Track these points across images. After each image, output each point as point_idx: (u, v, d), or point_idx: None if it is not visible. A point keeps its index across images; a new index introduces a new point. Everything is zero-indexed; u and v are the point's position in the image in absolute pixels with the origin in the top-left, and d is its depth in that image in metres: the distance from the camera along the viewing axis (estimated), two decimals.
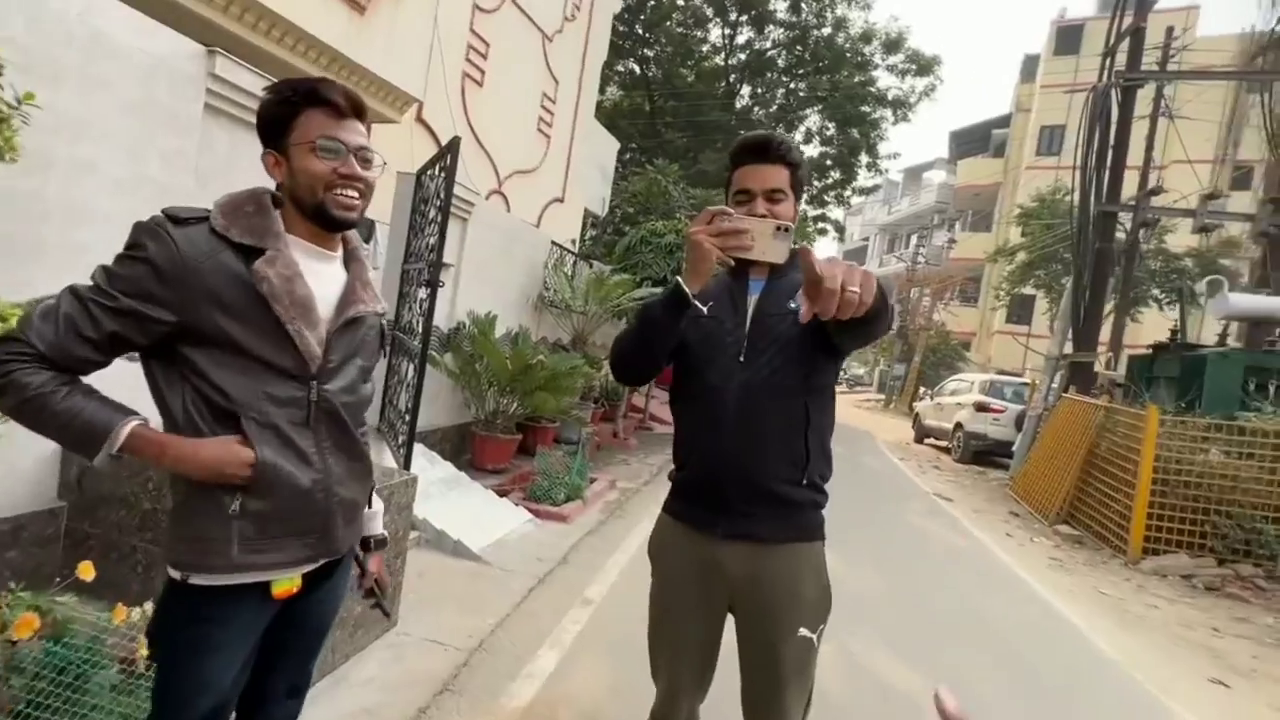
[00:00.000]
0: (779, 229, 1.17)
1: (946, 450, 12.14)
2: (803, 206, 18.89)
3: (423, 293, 3.81)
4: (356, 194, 1.08)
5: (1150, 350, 7.68)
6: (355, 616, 2.48)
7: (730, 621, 1.44)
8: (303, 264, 1.06)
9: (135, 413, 0.99)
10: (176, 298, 0.96)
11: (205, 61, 2.79)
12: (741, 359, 1.36)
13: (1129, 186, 9.97)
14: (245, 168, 2.98)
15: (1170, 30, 11.49)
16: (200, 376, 0.99)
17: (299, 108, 1.05)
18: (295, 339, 1.03)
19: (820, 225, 19.89)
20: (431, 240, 3.80)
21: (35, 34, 2.23)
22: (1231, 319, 7.09)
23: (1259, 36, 8.48)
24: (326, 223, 1.07)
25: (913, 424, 14.45)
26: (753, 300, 1.40)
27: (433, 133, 7.10)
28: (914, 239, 26.93)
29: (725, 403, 1.35)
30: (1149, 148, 11.67)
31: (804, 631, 1.36)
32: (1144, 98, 11.76)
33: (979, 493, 8.54)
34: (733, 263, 1.24)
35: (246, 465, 1.00)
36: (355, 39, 4.32)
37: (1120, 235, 10.69)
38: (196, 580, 1.02)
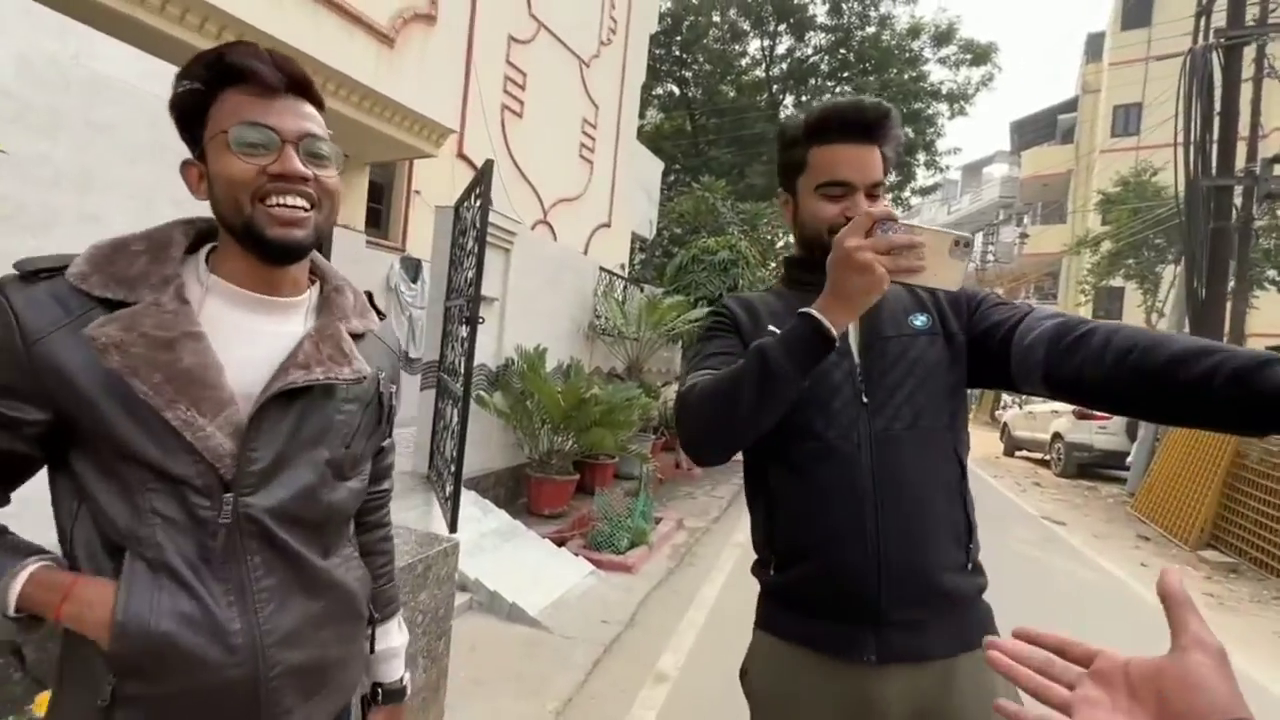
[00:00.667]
0: (957, 243, 0.82)
1: (1044, 463, 11.00)
2: None
3: (464, 330, 3.52)
4: (304, 203, 0.72)
5: None
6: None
7: None
8: (226, 319, 0.73)
9: (41, 550, 0.70)
10: (33, 386, 0.66)
11: None
12: (864, 400, 0.97)
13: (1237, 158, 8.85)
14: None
15: None
16: (88, 496, 0.69)
17: (212, 90, 0.72)
18: (182, 430, 0.67)
19: None
20: (470, 274, 3.52)
21: (26, 80, 2.06)
22: None
23: None
24: (262, 249, 0.72)
25: (1000, 435, 13.29)
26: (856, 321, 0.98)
27: (474, 166, 7.00)
28: (980, 237, 25.39)
29: (855, 463, 0.95)
30: (1255, 113, 10.42)
31: None
32: (1245, 60, 10.56)
33: (1095, 513, 7.54)
34: (884, 288, 0.82)
35: (102, 627, 0.65)
36: (385, 73, 4.19)
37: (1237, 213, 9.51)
38: None
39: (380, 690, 0.95)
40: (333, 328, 0.79)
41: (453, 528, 3.29)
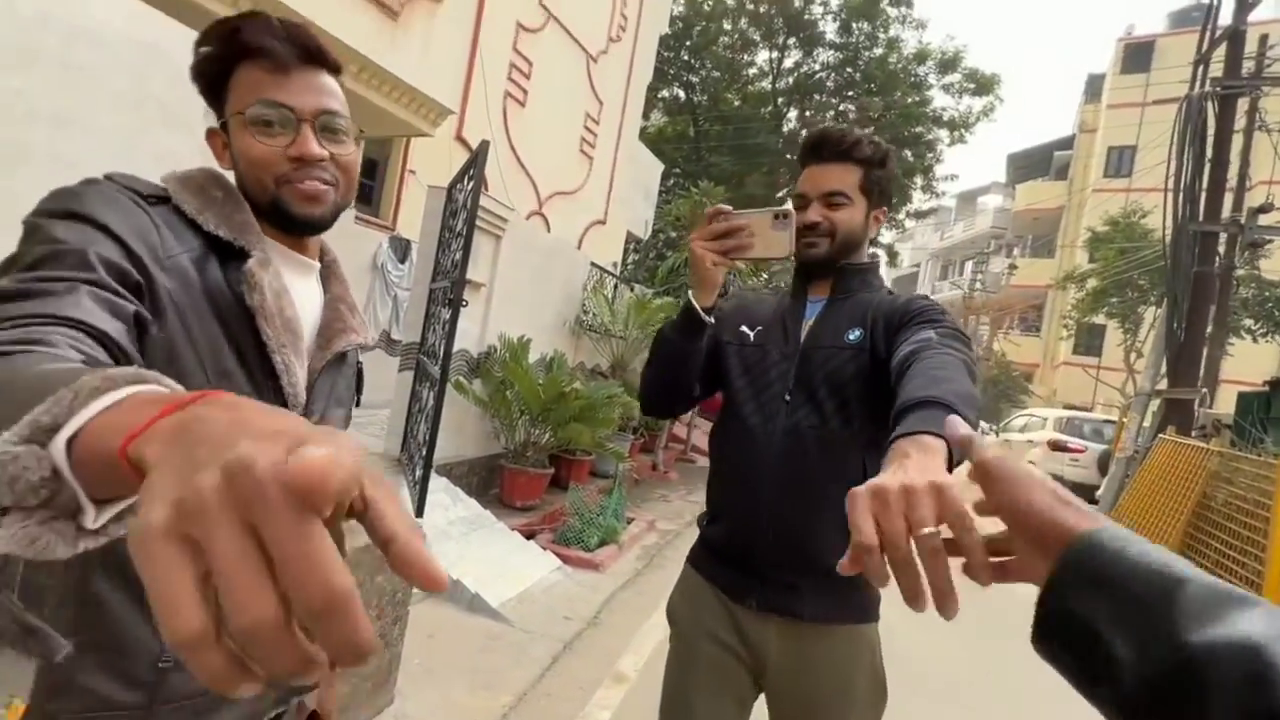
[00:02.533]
0: (776, 216, 1.00)
1: None
2: None
3: (446, 313, 3.46)
4: (325, 179, 0.75)
5: (1266, 386, 6.74)
6: (341, 697, 2.05)
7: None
8: (284, 275, 0.77)
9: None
10: (148, 288, 0.67)
11: None
12: (787, 398, 1.15)
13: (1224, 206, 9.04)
14: None
15: (1265, 39, 10.56)
16: None
17: (230, 61, 0.73)
18: (281, 374, 0.73)
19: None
20: (458, 256, 3.46)
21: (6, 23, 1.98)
22: None
23: None
24: (287, 224, 0.77)
25: None
26: (807, 326, 1.19)
27: (471, 150, 6.92)
28: (969, 265, 25.73)
29: (766, 450, 1.14)
30: (1244, 163, 10.67)
31: None
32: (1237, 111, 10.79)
33: None
34: (740, 266, 1.15)
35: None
36: (387, 45, 4.11)
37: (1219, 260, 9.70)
38: None
39: None
40: (346, 295, 0.86)
41: (419, 512, 3.23)
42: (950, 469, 0.61)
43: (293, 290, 0.76)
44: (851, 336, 1.13)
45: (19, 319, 0.49)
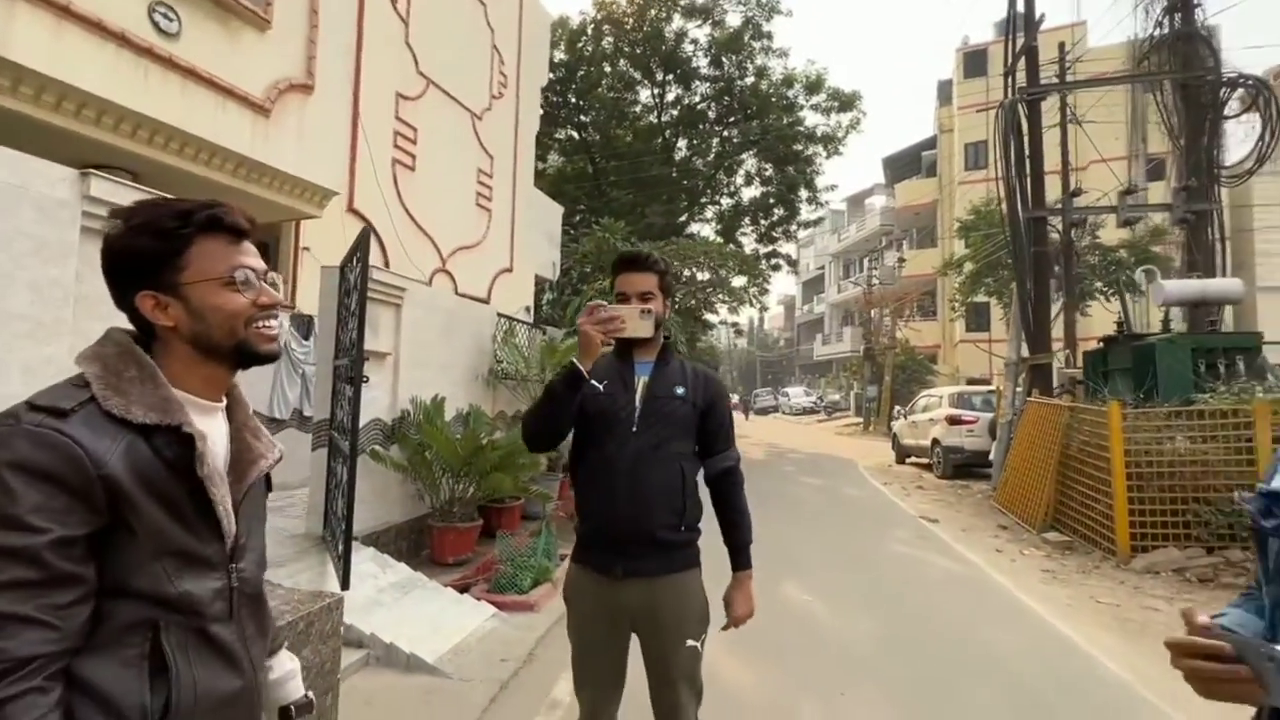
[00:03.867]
0: (642, 312, 1.61)
1: (929, 468, 12.06)
2: (754, 245, 19.09)
3: (349, 389, 3.61)
4: (276, 322, 0.95)
5: (1101, 344, 7.79)
6: None
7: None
8: (199, 425, 0.89)
9: None
10: (96, 506, 0.78)
11: (79, 184, 2.66)
12: (634, 430, 1.68)
13: (1054, 191, 10.39)
14: None
15: (1062, 45, 12.27)
16: (113, 594, 0.81)
17: (189, 238, 0.88)
18: (222, 519, 0.87)
19: (774, 262, 20.31)
20: (354, 335, 3.64)
21: None
22: (1171, 305, 7.25)
23: (1142, 43, 9.07)
24: (249, 361, 0.93)
25: (892, 445, 14.41)
26: (641, 380, 1.74)
27: (365, 220, 7.05)
28: (866, 262, 27.68)
29: (619, 466, 1.65)
30: (1065, 153, 12.27)
31: (690, 642, 1.71)
32: (1052, 108, 12.44)
33: (965, 509, 8.40)
34: (612, 344, 1.64)
35: None
36: (262, 140, 4.27)
37: (1056, 236, 11.07)
38: None
39: (292, 709, 1.11)
40: (249, 420, 0.99)
41: (344, 584, 3.34)
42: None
43: (210, 432, 0.89)
44: (679, 391, 1.73)
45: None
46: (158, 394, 0.84)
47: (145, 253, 0.87)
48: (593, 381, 1.65)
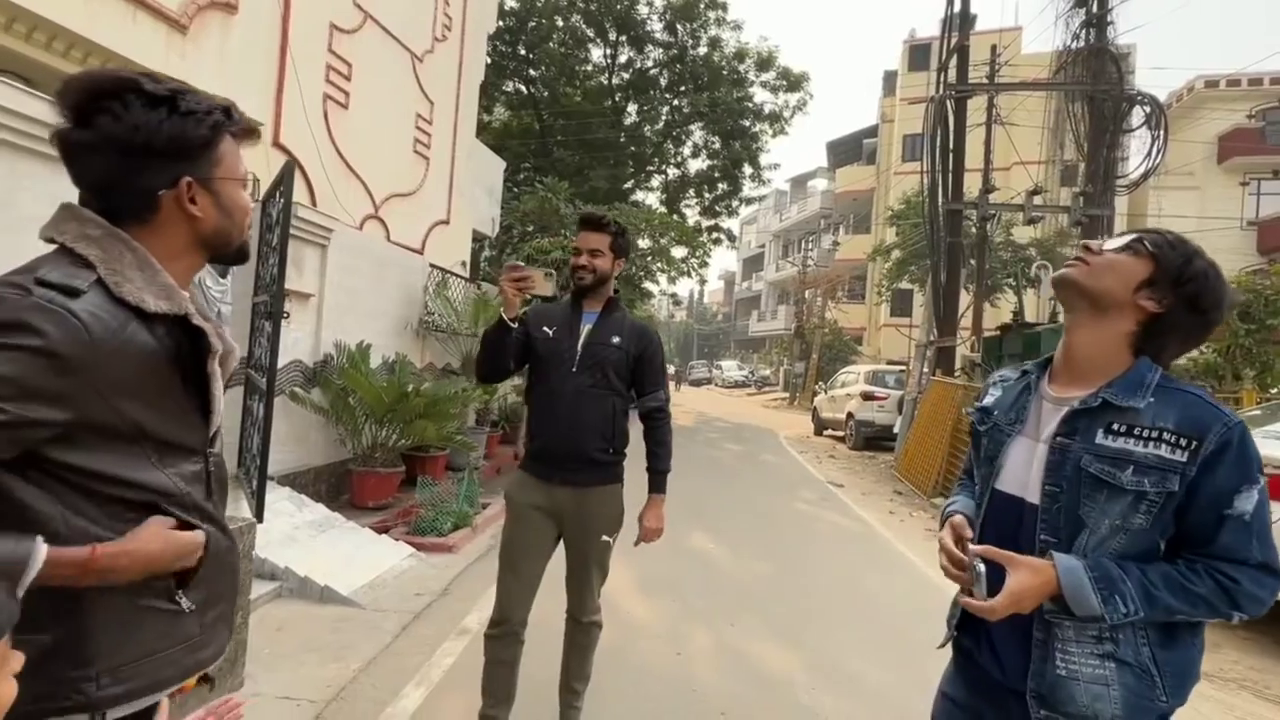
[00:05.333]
0: (546, 274, 1.92)
1: (843, 439, 12.86)
2: (696, 218, 19.25)
3: (268, 326, 3.58)
4: None
5: (998, 331, 8.51)
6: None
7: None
8: None
9: (27, 534, 0.73)
10: (76, 392, 0.75)
11: None
12: (574, 369, 2.03)
13: (977, 187, 11.09)
14: (28, 201, 2.69)
15: (994, 48, 12.93)
16: (89, 476, 0.79)
17: (220, 131, 0.89)
18: (216, 413, 0.91)
19: (715, 235, 20.62)
20: (275, 271, 3.59)
21: None
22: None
23: (1061, 54, 9.71)
24: (236, 260, 0.98)
25: (812, 418, 15.21)
26: (585, 328, 2.07)
27: (292, 155, 6.72)
28: (804, 243, 28.53)
29: (561, 398, 2.02)
30: (987, 152, 13.04)
31: (605, 538, 2.09)
32: (980, 108, 13.15)
33: (868, 476, 9.09)
34: (531, 298, 2.06)
35: (200, 547, 0.87)
36: (178, 59, 4.03)
37: (974, 230, 11.85)
38: (122, 712, 0.83)
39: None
40: (209, 312, 0.97)
41: (259, 517, 3.37)
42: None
43: None
44: (614, 340, 2.07)
45: None
46: (159, 281, 0.83)
47: (194, 140, 0.86)
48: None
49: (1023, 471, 1.09)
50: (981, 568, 1.03)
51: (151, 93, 0.84)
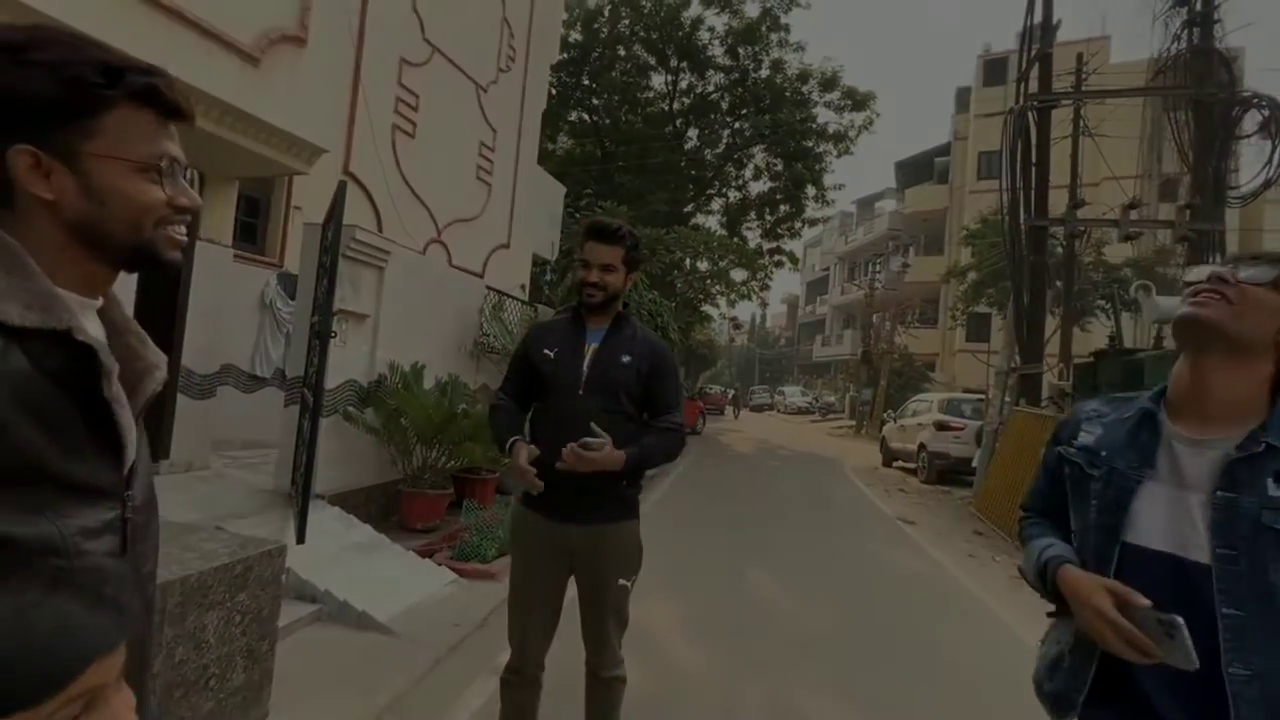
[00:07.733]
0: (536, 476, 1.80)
1: (914, 472, 12.05)
2: (758, 240, 19.02)
3: (319, 345, 3.60)
4: (185, 228, 0.76)
5: (1092, 358, 7.74)
6: (205, 713, 2.17)
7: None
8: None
9: None
10: None
11: None
12: (581, 393, 1.82)
13: (1061, 204, 10.30)
14: None
15: (1080, 56, 12.13)
16: None
17: (113, 102, 0.68)
18: (127, 447, 0.71)
19: (776, 258, 20.22)
20: (325, 290, 3.62)
21: None
22: (1162, 322, 7.20)
23: (1159, 59, 8.94)
24: (143, 266, 0.75)
25: (880, 448, 14.39)
26: (591, 347, 1.86)
27: (361, 184, 7.00)
28: (871, 266, 27.56)
29: (567, 424, 1.75)
30: (1074, 164, 12.16)
31: (621, 582, 1.88)
32: (1064, 121, 12.31)
33: (943, 513, 8.40)
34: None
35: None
36: (251, 91, 4.22)
37: (1060, 249, 11.00)
38: None
39: None
40: (130, 322, 0.79)
41: (300, 539, 3.34)
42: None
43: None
44: (625, 359, 1.85)
45: None
46: (32, 287, 0.64)
47: (38, 99, 0.65)
48: (544, 350, 1.87)
49: (1167, 525, 0.97)
50: (1181, 624, 0.86)
51: (13, 37, 0.65)
